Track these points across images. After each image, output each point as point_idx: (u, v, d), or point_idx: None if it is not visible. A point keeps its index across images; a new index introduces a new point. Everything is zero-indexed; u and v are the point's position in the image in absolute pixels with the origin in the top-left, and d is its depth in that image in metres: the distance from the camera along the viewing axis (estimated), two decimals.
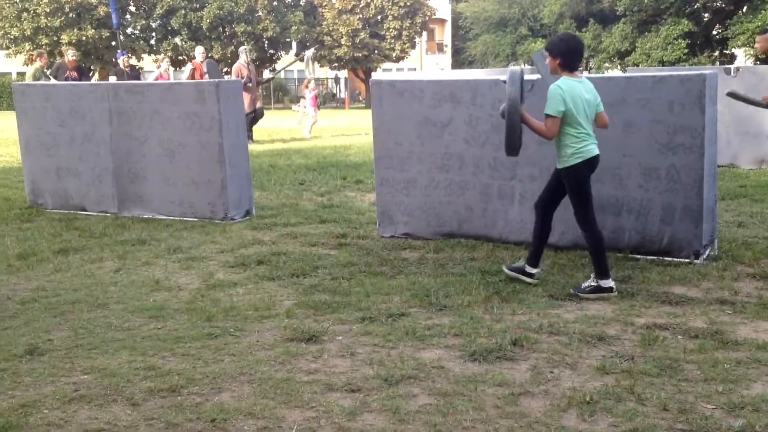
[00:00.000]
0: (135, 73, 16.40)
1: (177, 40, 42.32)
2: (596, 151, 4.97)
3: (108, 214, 8.06)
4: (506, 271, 5.34)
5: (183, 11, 41.20)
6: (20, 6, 39.32)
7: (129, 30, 42.65)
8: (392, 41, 44.81)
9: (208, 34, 41.75)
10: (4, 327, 4.48)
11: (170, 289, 5.32)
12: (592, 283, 4.96)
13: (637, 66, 33.87)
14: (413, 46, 48.20)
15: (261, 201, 8.74)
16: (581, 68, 5.94)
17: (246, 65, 16.58)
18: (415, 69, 53.14)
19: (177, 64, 45.01)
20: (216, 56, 40.52)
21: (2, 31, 40.35)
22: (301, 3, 45.53)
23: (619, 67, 39.49)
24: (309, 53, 20.36)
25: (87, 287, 5.34)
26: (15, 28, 39.56)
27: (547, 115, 4.85)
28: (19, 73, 47.03)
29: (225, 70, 31.33)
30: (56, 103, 8.39)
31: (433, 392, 3.48)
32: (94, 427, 3.16)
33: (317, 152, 14.51)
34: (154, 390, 3.52)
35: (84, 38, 39.01)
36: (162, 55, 22.84)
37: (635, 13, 37.38)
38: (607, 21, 40.31)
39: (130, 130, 7.98)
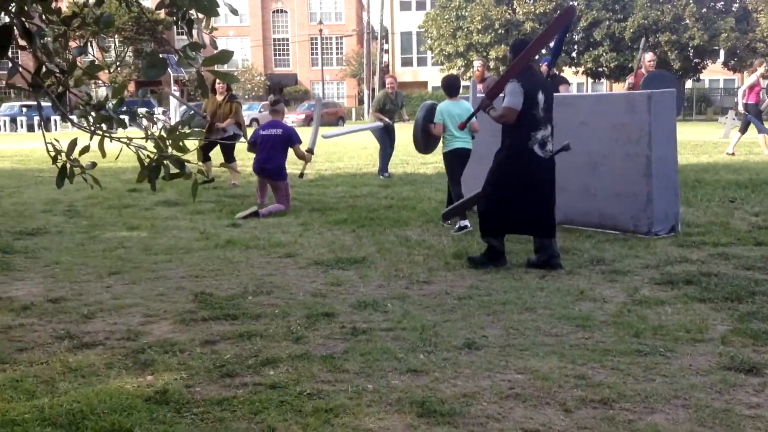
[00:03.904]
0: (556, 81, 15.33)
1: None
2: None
3: None
4: None
5: (607, 22, 41.14)
6: (455, 24, 42.89)
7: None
8: None
9: (629, 44, 41.08)
10: (444, 319, 4.89)
11: (595, 300, 5.31)
12: None
13: None
14: None
15: (687, 217, 8.31)
16: None
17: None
18: None
19: (596, 75, 45.15)
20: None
21: (438, 48, 44.44)
22: (732, 9, 42.42)
23: None
24: None
25: (515, 290, 5.59)
26: (450, 45, 43.30)
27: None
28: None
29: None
30: None
31: None
32: (529, 426, 3.28)
33: (749, 168, 13.33)
34: (585, 399, 3.54)
35: None
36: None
37: None
38: None
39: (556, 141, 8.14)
